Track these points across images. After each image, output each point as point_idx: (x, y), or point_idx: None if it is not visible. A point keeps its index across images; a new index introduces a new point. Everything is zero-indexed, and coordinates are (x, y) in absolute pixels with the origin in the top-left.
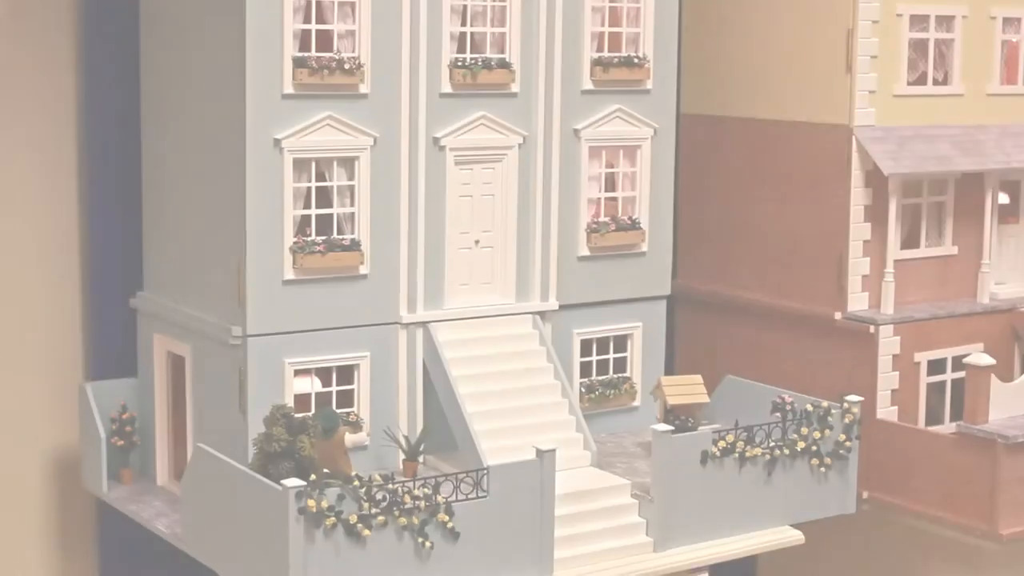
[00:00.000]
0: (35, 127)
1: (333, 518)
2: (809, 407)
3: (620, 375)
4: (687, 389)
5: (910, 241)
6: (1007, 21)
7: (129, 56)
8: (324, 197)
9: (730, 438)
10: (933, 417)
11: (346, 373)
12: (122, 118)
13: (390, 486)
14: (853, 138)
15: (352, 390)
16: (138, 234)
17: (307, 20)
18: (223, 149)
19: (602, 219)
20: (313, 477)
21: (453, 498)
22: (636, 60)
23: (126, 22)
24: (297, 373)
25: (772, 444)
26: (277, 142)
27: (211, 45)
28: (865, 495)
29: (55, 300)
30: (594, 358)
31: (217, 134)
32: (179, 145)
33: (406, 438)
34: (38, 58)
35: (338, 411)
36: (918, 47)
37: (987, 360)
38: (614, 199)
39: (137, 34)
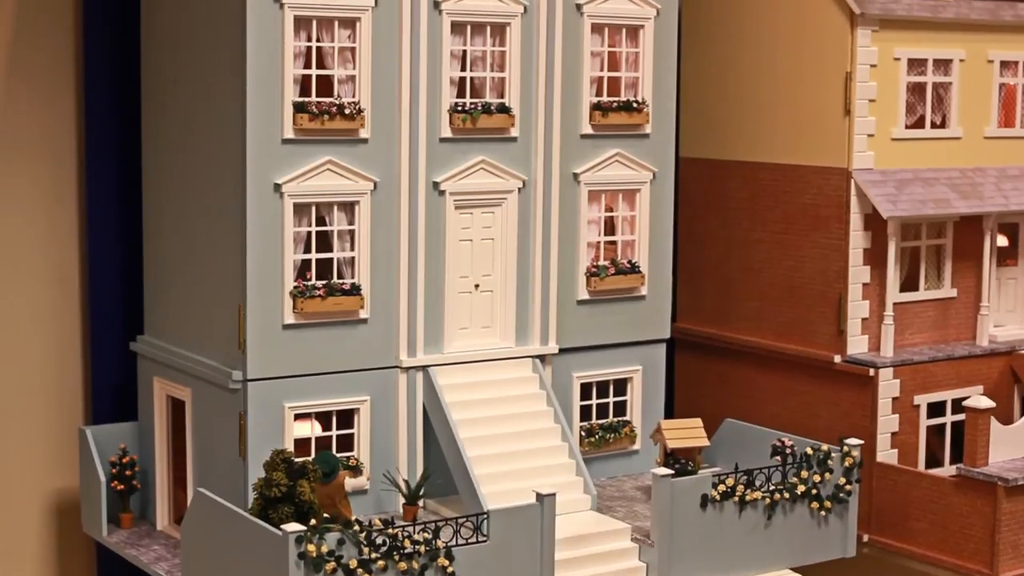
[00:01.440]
0: (36, 170)
1: (333, 563)
2: (809, 450)
3: (620, 419)
4: (687, 432)
5: (909, 284)
6: (1004, 64)
7: (130, 99)
8: (324, 241)
9: (730, 482)
10: (933, 460)
11: (346, 417)
12: (123, 162)
13: (390, 530)
14: (852, 181)
15: (352, 434)
16: (139, 278)
17: (307, 65)
18: (224, 193)
19: (601, 263)
20: (313, 522)
21: (453, 542)
22: (635, 105)
23: (127, 65)
24: (297, 417)
25: (772, 488)
26: (277, 187)
27: (212, 90)
28: (865, 538)
29: (56, 344)
30: (594, 401)
31: (218, 178)
32: (180, 189)
33: (406, 482)
34: (39, 101)
35: (338, 455)
36: (916, 90)
37: (987, 403)
38: (613, 243)
39: (139, 78)
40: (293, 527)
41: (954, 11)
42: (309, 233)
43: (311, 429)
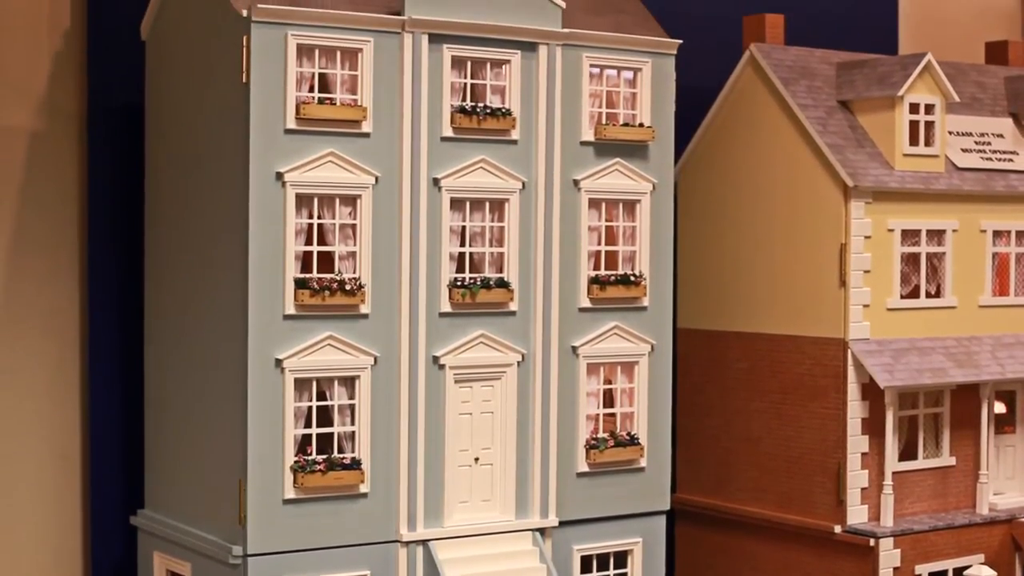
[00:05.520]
0: (40, 344)
1: None
2: None
3: None
4: None
5: (908, 452)
6: (997, 234)
7: (134, 272)
8: (325, 415)
9: None
10: None
11: None
12: (126, 336)
13: None
14: (848, 351)
15: None
16: (140, 452)
17: (309, 242)
18: (225, 368)
19: (601, 435)
20: None
21: None
22: (633, 278)
23: (131, 239)
24: None
25: None
26: (279, 362)
27: (214, 265)
28: None
29: (56, 517)
30: (594, 574)
31: (219, 353)
32: (182, 364)
33: None
34: (43, 276)
35: None
36: (910, 261)
37: (988, 572)
38: (613, 415)
39: (143, 251)
40: None
41: (946, 182)
42: (310, 408)
43: None
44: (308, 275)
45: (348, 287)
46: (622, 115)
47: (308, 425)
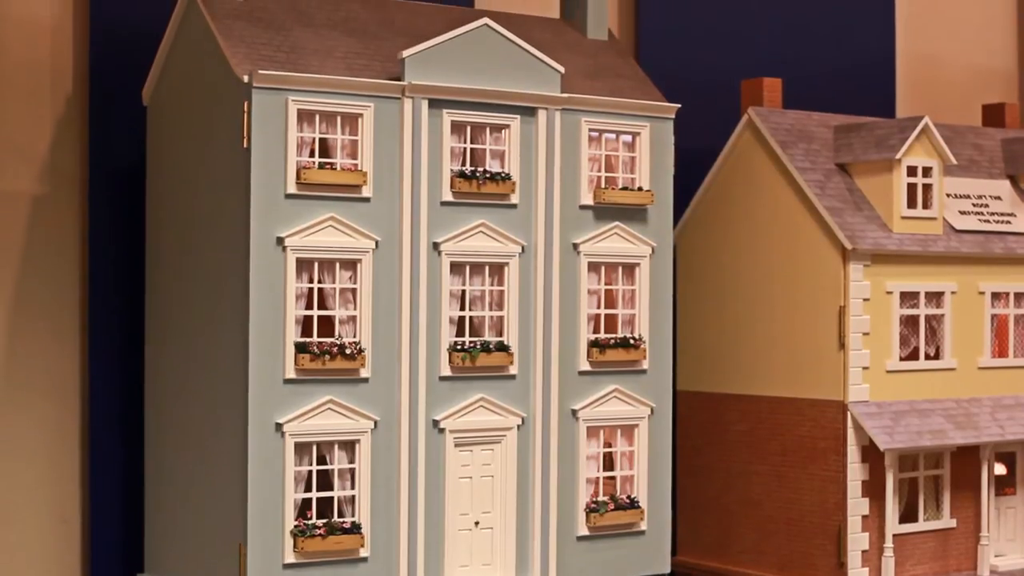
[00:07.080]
0: (41, 407)
1: None
2: None
3: None
4: None
5: (908, 514)
6: (996, 295)
7: (135, 336)
8: (325, 480)
9: None
10: None
11: None
12: (127, 399)
13: None
14: (848, 414)
15: None
16: (140, 516)
17: (309, 306)
18: (225, 432)
19: (601, 498)
20: None
21: None
22: (632, 341)
23: (132, 303)
24: None
25: None
26: (279, 426)
27: (214, 330)
28: None
29: None
30: None
31: (219, 416)
32: (183, 427)
33: None
34: (44, 339)
35: None
36: (909, 323)
37: None
38: (612, 478)
39: (143, 314)
40: None
41: (944, 245)
42: (310, 472)
43: None
44: (308, 339)
45: (348, 351)
46: (621, 179)
47: (308, 489)
